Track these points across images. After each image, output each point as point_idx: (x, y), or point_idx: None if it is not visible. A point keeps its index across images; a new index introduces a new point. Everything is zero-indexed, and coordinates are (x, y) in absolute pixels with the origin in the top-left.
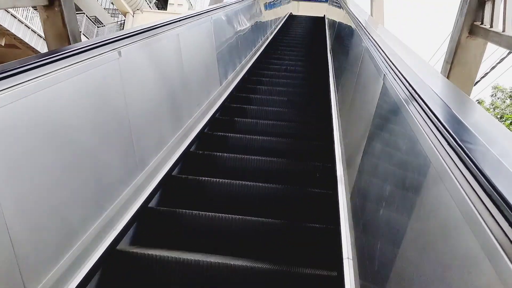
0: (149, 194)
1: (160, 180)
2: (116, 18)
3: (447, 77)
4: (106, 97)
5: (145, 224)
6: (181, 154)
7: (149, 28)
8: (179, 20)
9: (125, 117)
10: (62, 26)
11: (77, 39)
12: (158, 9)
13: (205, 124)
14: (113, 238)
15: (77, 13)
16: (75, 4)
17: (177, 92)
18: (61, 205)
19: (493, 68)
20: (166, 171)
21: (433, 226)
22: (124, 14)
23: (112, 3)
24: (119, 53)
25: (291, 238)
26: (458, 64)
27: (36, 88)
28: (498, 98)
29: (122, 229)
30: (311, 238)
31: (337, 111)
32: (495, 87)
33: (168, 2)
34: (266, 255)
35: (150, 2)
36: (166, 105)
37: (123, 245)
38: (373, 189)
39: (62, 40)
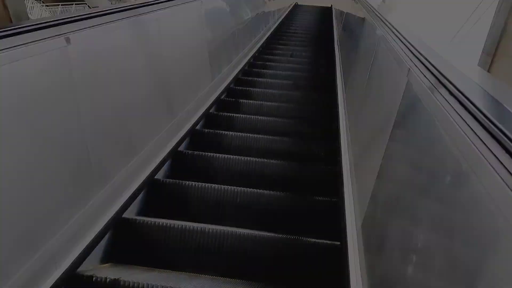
0: (107, 222)
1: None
2: None
3: (488, 72)
4: (42, 97)
5: None
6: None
7: (115, 10)
8: (159, 3)
9: (75, 122)
10: (2, 7)
11: None
12: None
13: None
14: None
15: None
16: None
17: (153, 90)
18: None
19: None
20: (134, 190)
21: None
22: None
23: None
24: (67, 39)
25: None
26: (503, 56)
27: None
28: None
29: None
30: None
31: (345, 114)
32: None
33: None
34: None
35: None
36: (136, 105)
37: None
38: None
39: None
